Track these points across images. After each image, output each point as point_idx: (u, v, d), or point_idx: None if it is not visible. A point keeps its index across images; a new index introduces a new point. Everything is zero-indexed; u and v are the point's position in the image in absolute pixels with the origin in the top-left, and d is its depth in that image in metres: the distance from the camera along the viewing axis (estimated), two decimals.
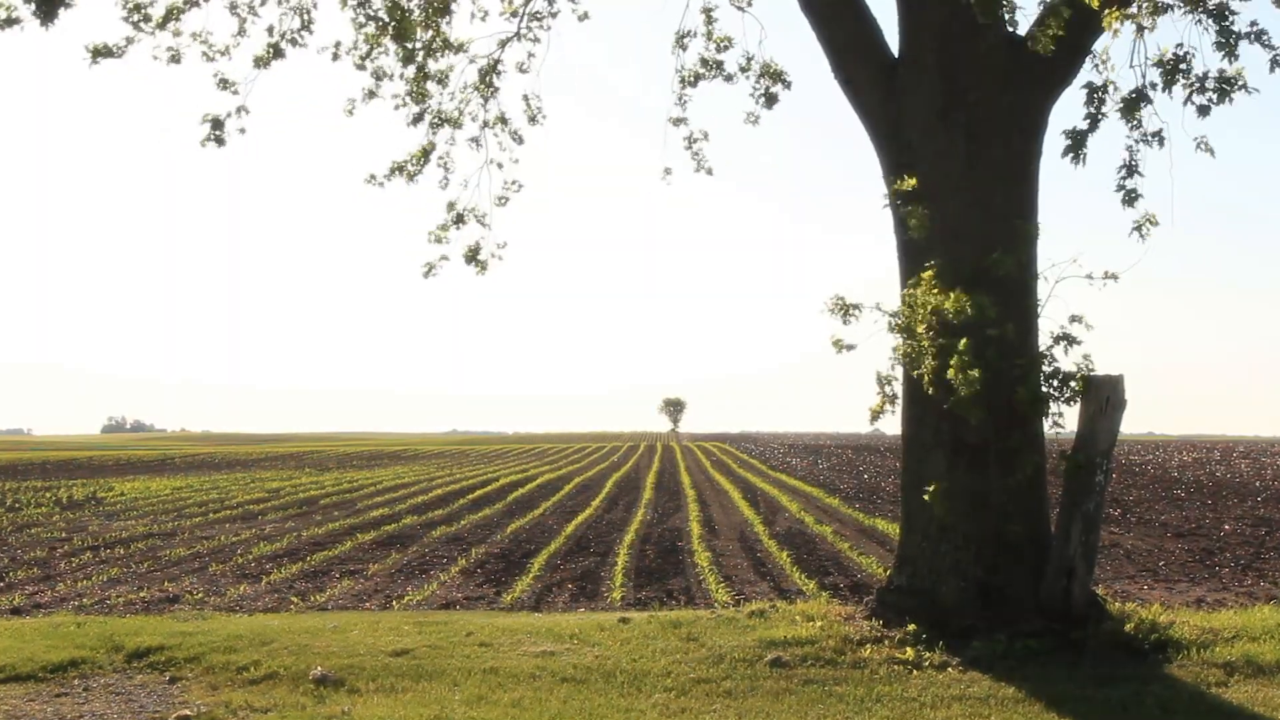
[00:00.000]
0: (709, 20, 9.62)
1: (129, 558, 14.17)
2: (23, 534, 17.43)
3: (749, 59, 9.42)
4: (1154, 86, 6.49)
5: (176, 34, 8.93)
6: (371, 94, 9.74)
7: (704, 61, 9.66)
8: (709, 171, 10.17)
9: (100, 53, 8.40)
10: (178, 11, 8.78)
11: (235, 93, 9.26)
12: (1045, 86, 7.49)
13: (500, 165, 10.12)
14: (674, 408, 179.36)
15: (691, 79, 9.73)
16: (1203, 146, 6.69)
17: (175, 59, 9.08)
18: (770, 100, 9.46)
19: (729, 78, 9.53)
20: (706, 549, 14.55)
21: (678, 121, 10.00)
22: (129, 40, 8.58)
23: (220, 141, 9.29)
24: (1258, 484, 28.72)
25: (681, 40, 9.75)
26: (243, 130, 9.35)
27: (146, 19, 8.63)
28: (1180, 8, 6.14)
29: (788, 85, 9.44)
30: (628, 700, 6.00)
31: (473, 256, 9.79)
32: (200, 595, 10.93)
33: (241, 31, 9.22)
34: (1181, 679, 6.28)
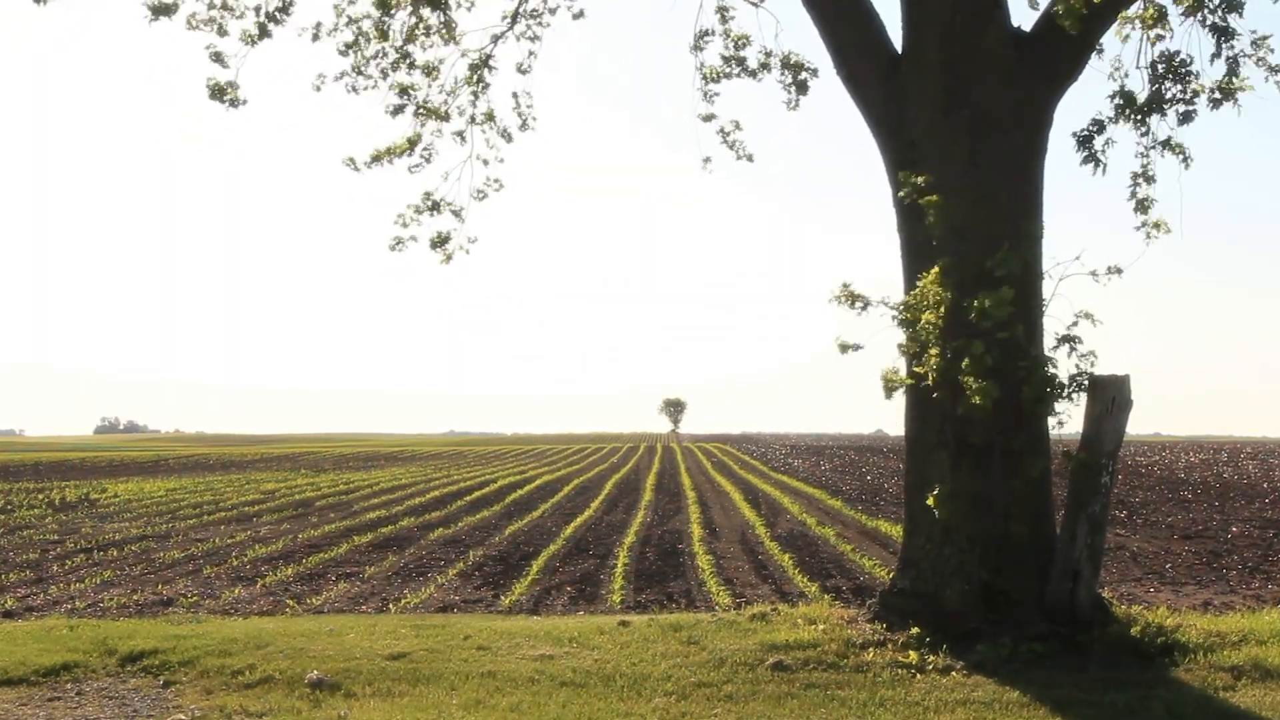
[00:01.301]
0: (724, 19, 9.56)
1: (122, 560, 14.09)
2: (15, 536, 17.34)
3: (768, 54, 9.37)
4: (1164, 100, 6.40)
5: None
6: (353, 82, 9.62)
7: (725, 59, 9.60)
8: (749, 158, 10.03)
9: (159, 10, 8.71)
10: None
11: (226, 66, 9.27)
12: (1050, 83, 7.42)
13: (486, 162, 10.04)
14: (674, 408, 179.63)
15: (714, 76, 9.66)
16: (1181, 154, 6.62)
17: (171, 17, 9.03)
18: (801, 87, 9.37)
19: (753, 74, 9.46)
20: (707, 551, 14.48)
21: (708, 118, 9.89)
22: None
23: (235, 104, 9.29)
24: (1265, 485, 28.62)
25: (700, 40, 9.68)
26: (244, 102, 9.33)
27: None
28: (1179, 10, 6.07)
29: (814, 73, 9.37)
30: (627, 704, 5.93)
31: (440, 243, 9.70)
32: (195, 598, 10.85)
33: (225, 6, 9.12)
34: (1188, 683, 6.21)
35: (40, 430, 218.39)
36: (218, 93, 9.33)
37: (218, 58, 9.27)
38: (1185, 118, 6.09)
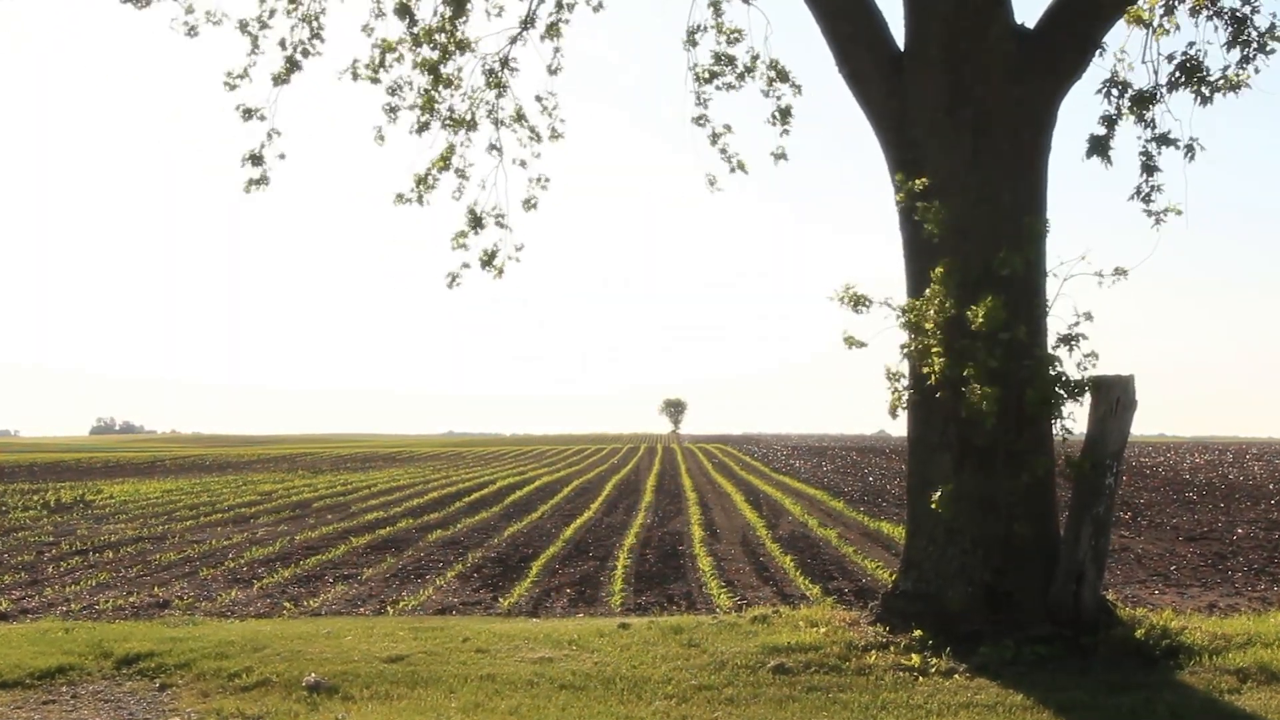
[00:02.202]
0: (718, 12, 9.51)
1: (118, 562, 14.03)
2: (9, 538, 17.26)
3: (754, 57, 9.31)
4: (1169, 88, 6.34)
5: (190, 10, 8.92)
6: (392, 109, 9.57)
7: (717, 57, 9.53)
8: (741, 167, 9.89)
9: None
10: None
11: (262, 118, 9.20)
12: (1054, 80, 7.35)
13: (524, 163, 9.98)
14: (675, 409, 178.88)
15: (706, 75, 9.59)
16: (1196, 145, 6.51)
17: (230, 86, 9.08)
18: (784, 116, 9.36)
19: (740, 76, 9.40)
20: (708, 553, 14.41)
21: (700, 120, 9.79)
22: None
23: (265, 181, 9.32)
24: (1271, 486, 28.33)
25: (692, 36, 9.62)
26: (282, 156, 9.37)
27: None
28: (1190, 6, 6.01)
29: (798, 89, 9.31)
30: (627, 708, 5.87)
31: (489, 261, 9.64)
32: (191, 600, 10.79)
33: (255, 48, 9.14)
34: (1193, 686, 6.16)
35: (35, 431, 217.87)
36: (256, 162, 9.18)
37: (249, 113, 9.15)
38: (1205, 99, 5.99)
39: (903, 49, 7.68)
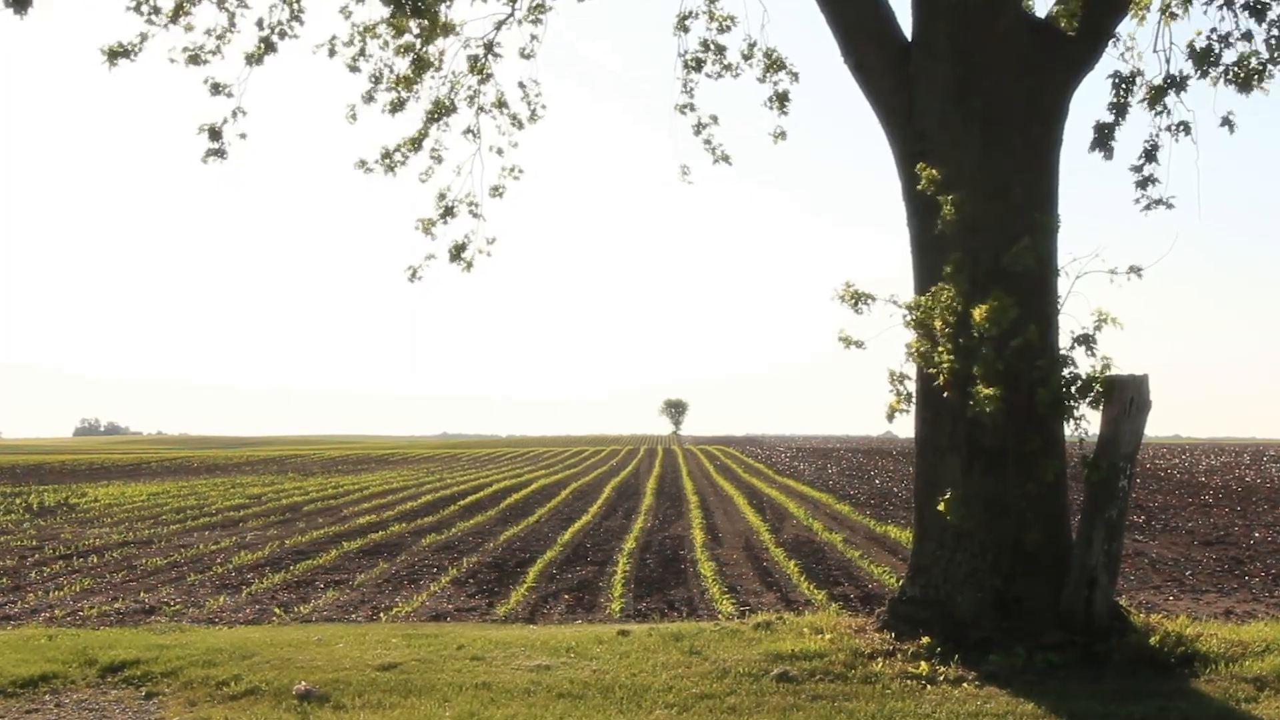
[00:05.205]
0: None
1: (103, 567, 13.86)
2: None
3: (751, 45, 9.17)
4: (1183, 78, 6.20)
5: (189, 29, 8.68)
6: (371, 97, 9.38)
7: (705, 44, 9.40)
8: (725, 159, 9.77)
9: (116, 53, 8.26)
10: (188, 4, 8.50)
11: (230, 95, 9.00)
12: (1066, 71, 7.24)
13: (500, 151, 9.79)
14: (676, 409, 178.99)
15: (694, 63, 9.46)
16: (1228, 123, 6.38)
17: (195, 59, 8.84)
18: (782, 101, 9.23)
19: (730, 66, 9.28)
20: (710, 558, 14.27)
21: (684, 109, 9.67)
22: (143, 37, 8.35)
23: (222, 154, 9.08)
24: None
25: (683, 22, 9.51)
26: (243, 135, 9.11)
27: (156, 11, 8.35)
28: None
29: (795, 77, 9.17)
30: (627, 716, 5.75)
31: (458, 254, 9.44)
32: (178, 606, 10.63)
33: (231, 26, 8.94)
34: (1209, 694, 6.03)
35: (18, 432, 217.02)
36: (214, 137, 8.91)
37: (217, 88, 8.90)
38: (1244, 84, 5.86)
39: (910, 39, 7.55)
